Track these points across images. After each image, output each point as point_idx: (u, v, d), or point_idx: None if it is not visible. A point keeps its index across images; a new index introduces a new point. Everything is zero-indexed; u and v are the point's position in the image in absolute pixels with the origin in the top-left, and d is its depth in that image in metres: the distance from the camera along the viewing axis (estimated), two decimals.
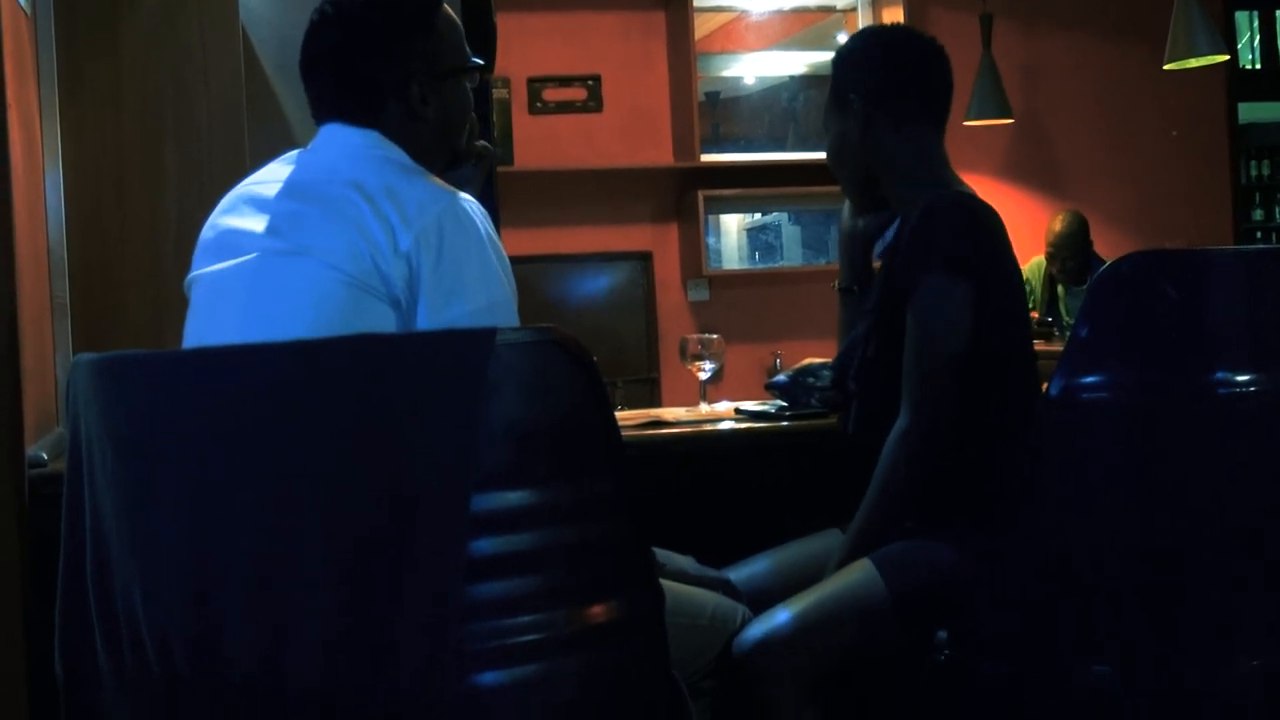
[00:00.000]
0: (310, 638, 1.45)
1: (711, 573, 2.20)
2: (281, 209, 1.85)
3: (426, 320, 1.76)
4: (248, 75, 2.98)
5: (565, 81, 6.28)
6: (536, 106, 6.23)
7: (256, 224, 1.85)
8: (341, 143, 1.94)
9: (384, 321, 1.76)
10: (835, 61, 2.42)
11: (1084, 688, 1.91)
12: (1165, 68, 5.55)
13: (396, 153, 1.92)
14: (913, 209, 2.25)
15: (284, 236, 1.81)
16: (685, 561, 2.20)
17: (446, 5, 2.04)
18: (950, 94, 2.41)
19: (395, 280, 1.76)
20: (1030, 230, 6.27)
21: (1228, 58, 5.73)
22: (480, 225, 1.82)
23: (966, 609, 2.04)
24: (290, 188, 1.87)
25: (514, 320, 1.83)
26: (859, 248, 2.52)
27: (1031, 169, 6.76)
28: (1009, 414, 2.20)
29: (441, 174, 1.96)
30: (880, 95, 2.34)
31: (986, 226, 2.24)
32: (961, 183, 2.37)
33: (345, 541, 1.45)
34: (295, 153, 1.97)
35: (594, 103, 6.31)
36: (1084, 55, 6.81)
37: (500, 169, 5.45)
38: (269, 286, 1.80)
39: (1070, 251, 5.95)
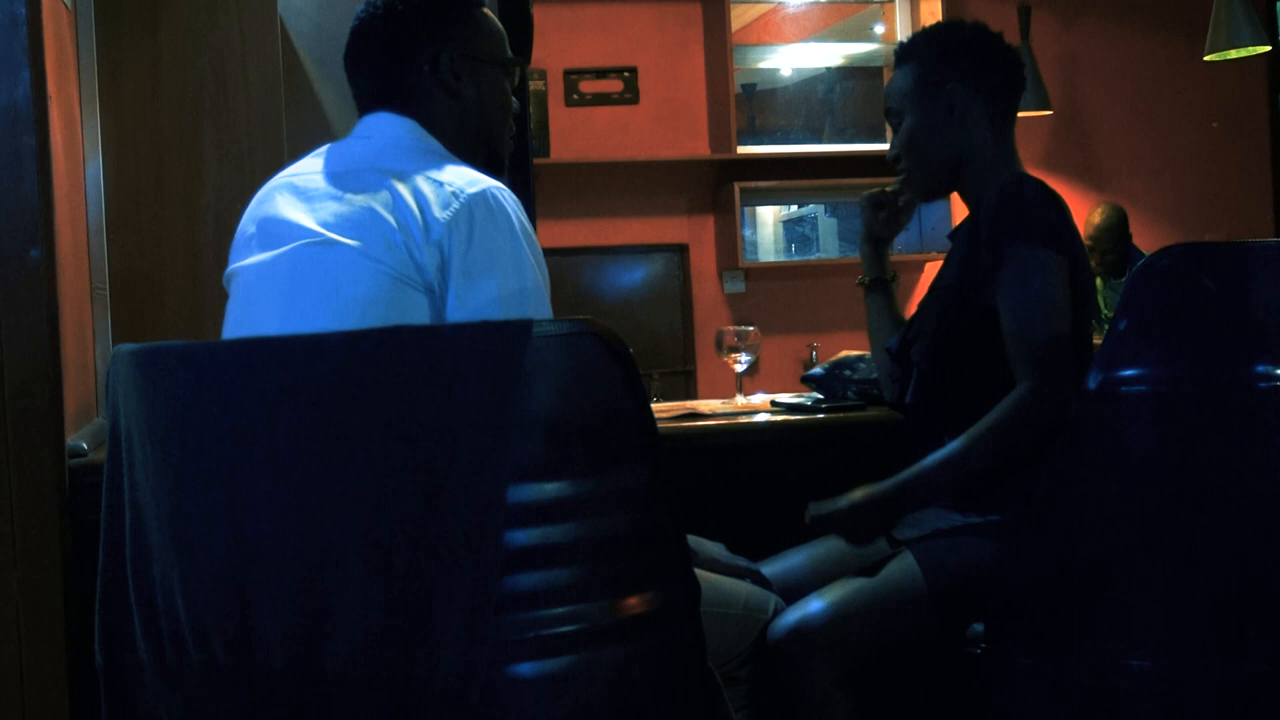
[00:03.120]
0: (348, 628, 1.46)
1: (742, 561, 2.21)
2: (319, 200, 1.86)
3: (454, 303, 1.77)
4: (286, 67, 3.00)
5: (601, 73, 6.28)
6: (573, 98, 6.23)
7: (295, 215, 1.86)
8: (380, 133, 1.96)
9: (420, 311, 1.77)
10: (926, 49, 2.43)
11: (1122, 682, 1.90)
12: (1206, 59, 5.51)
13: (434, 143, 1.95)
14: (987, 193, 2.28)
15: (322, 227, 1.82)
16: (715, 549, 2.20)
17: (488, 8, 2.07)
18: (1021, 91, 2.47)
19: (429, 268, 1.77)
20: None
21: (1269, 49, 5.67)
22: (513, 213, 1.82)
23: (1003, 602, 2.04)
24: (327, 179, 1.88)
25: (544, 308, 1.83)
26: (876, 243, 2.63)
27: (1070, 161, 6.72)
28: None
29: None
30: (979, 85, 2.38)
31: (1065, 206, 2.27)
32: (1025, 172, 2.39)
33: (382, 532, 1.46)
34: (332, 143, 1.98)
35: (630, 95, 6.30)
36: (1123, 46, 6.77)
37: (536, 161, 5.46)
38: (307, 278, 1.81)
39: (1109, 244, 5.91)
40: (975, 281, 2.25)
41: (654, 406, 2.16)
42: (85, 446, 2.21)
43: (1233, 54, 5.42)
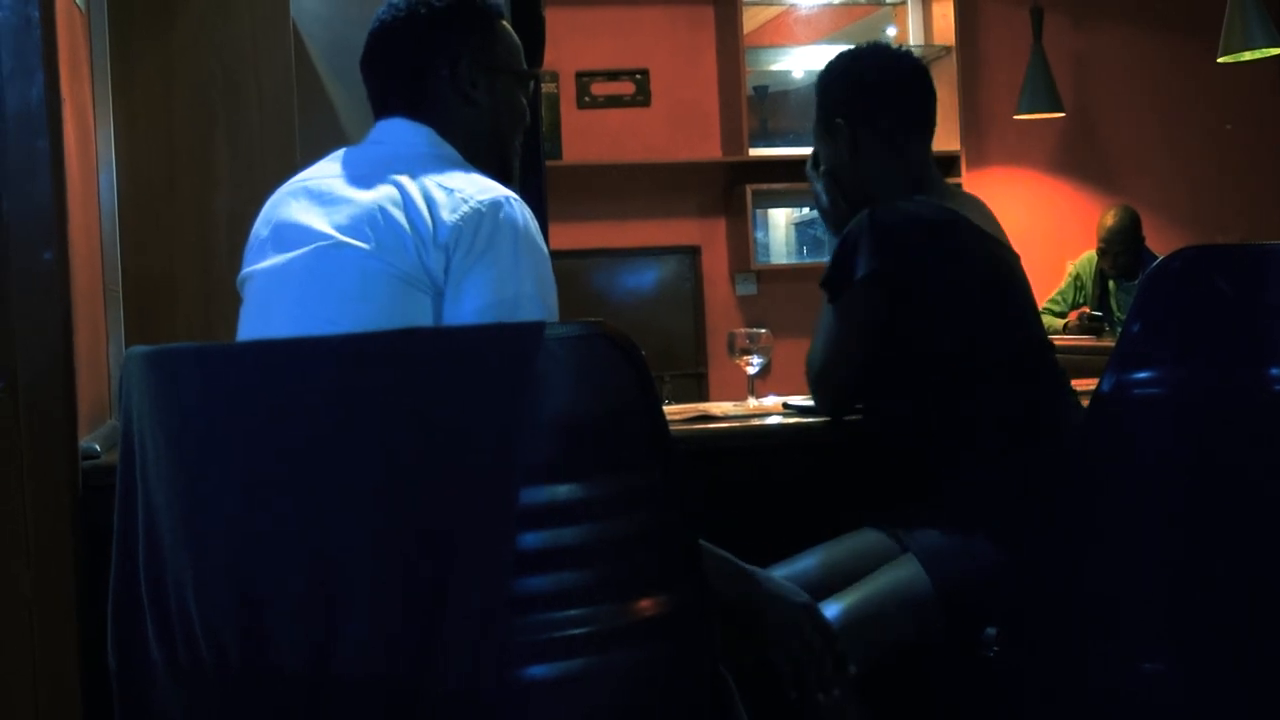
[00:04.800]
0: (360, 631, 1.46)
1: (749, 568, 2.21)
2: (333, 204, 1.86)
3: (449, 306, 1.77)
4: (299, 72, 3.00)
5: (613, 76, 6.28)
6: (585, 101, 6.23)
7: (309, 219, 1.87)
8: (396, 138, 1.97)
9: (426, 314, 1.77)
10: (818, 88, 2.48)
11: (1135, 685, 1.89)
12: (1219, 60, 5.49)
13: (449, 150, 1.96)
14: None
15: (337, 230, 1.83)
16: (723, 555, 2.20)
17: (505, 22, 2.08)
18: (933, 102, 2.47)
19: (435, 271, 1.77)
20: (1081, 225, 6.23)
21: None
22: (521, 222, 1.82)
23: (1015, 605, 2.04)
24: (342, 183, 1.89)
25: (540, 317, 1.83)
26: None
27: (1083, 163, 6.71)
28: (1043, 411, 2.21)
29: None
30: (873, 118, 2.41)
31: (904, 238, 2.30)
32: (945, 191, 2.44)
33: (394, 534, 1.46)
34: (347, 148, 1.99)
35: (642, 97, 6.30)
36: (1136, 48, 6.75)
37: (548, 163, 5.46)
38: (320, 280, 1.82)
39: (1122, 246, 5.90)
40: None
41: (666, 409, 2.15)
42: (98, 448, 2.22)
43: (1246, 56, 5.40)
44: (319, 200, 1.88)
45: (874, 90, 2.42)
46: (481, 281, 1.78)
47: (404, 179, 1.83)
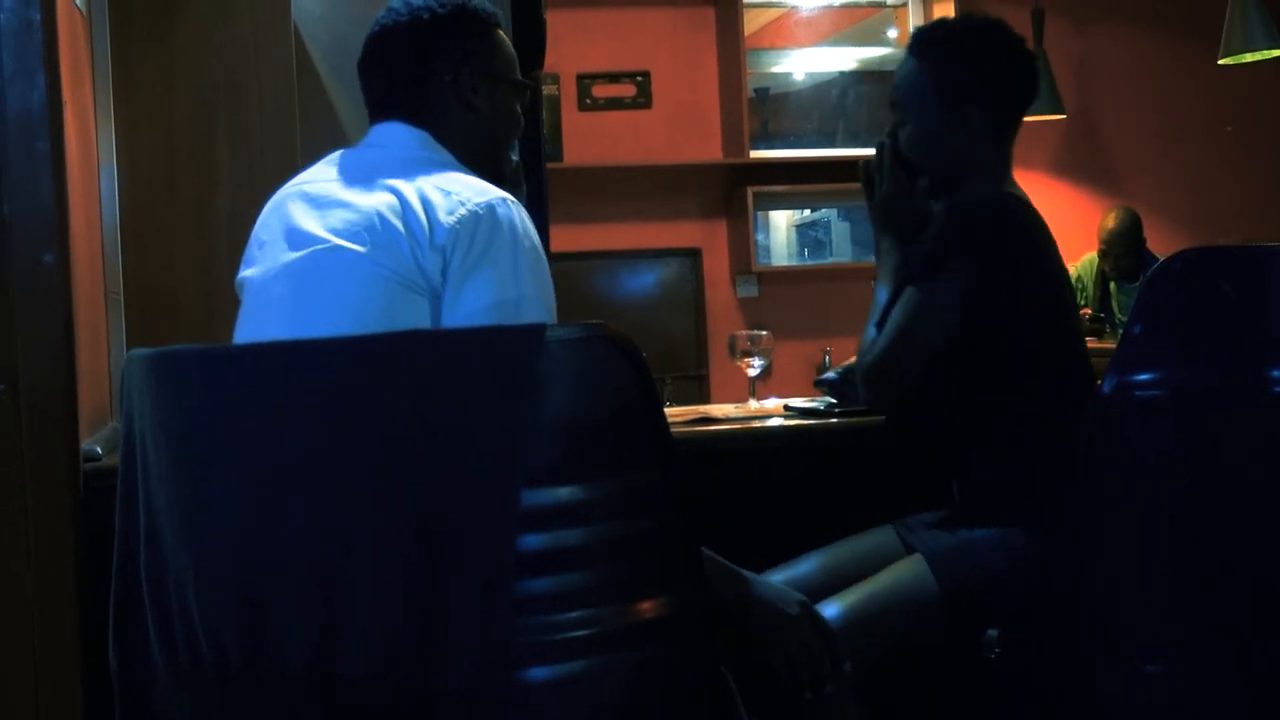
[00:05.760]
0: (362, 632, 1.46)
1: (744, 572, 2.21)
2: (329, 207, 1.86)
3: (447, 309, 1.77)
4: (300, 74, 3.00)
5: (614, 78, 6.28)
6: (586, 103, 6.23)
7: (305, 223, 1.87)
8: (394, 142, 1.97)
9: (423, 317, 1.77)
10: (946, 52, 2.38)
11: (1137, 687, 1.89)
12: (1220, 62, 5.50)
13: (445, 155, 1.96)
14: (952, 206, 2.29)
15: (332, 234, 1.83)
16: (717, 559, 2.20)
17: (502, 31, 2.09)
18: (1034, 98, 2.43)
19: (432, 273, 1.78)
20: (1082, 227, 6.22)
21: None
22: (519, 224, 1.82)
23: (1017, 607, 2.03)
24: (339, 186, 1.89)
25: (540, 319, 1.83)
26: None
27: (1084, 165, 6.71)
28: (1060, 411, 2.20)
29: None
30: (995, 100, 2.35)
31: (999, 234, 2.26)
32: (1014, 185, 2.39)
33: (396, 536, 1.46)
34: (344, 151, 1.99)
35: (643, 99, 6.30)
36: (1137, 50, 6.75)
37: (550, 165, 5.46)
38: (316, 284, 1.82)
39: (1123, 248, 5.90)
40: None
41: (667, 411, 2.15)
42: (99, 451, 2.22)
43: (1247, 57, 5.41)
44: (316, 204, 1.88)
45: (1002, 72, 2.36)
46: (482, 283, 1.78)
47: (400, 182, 1.83)
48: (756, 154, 6.23)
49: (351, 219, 1.82)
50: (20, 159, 2.08)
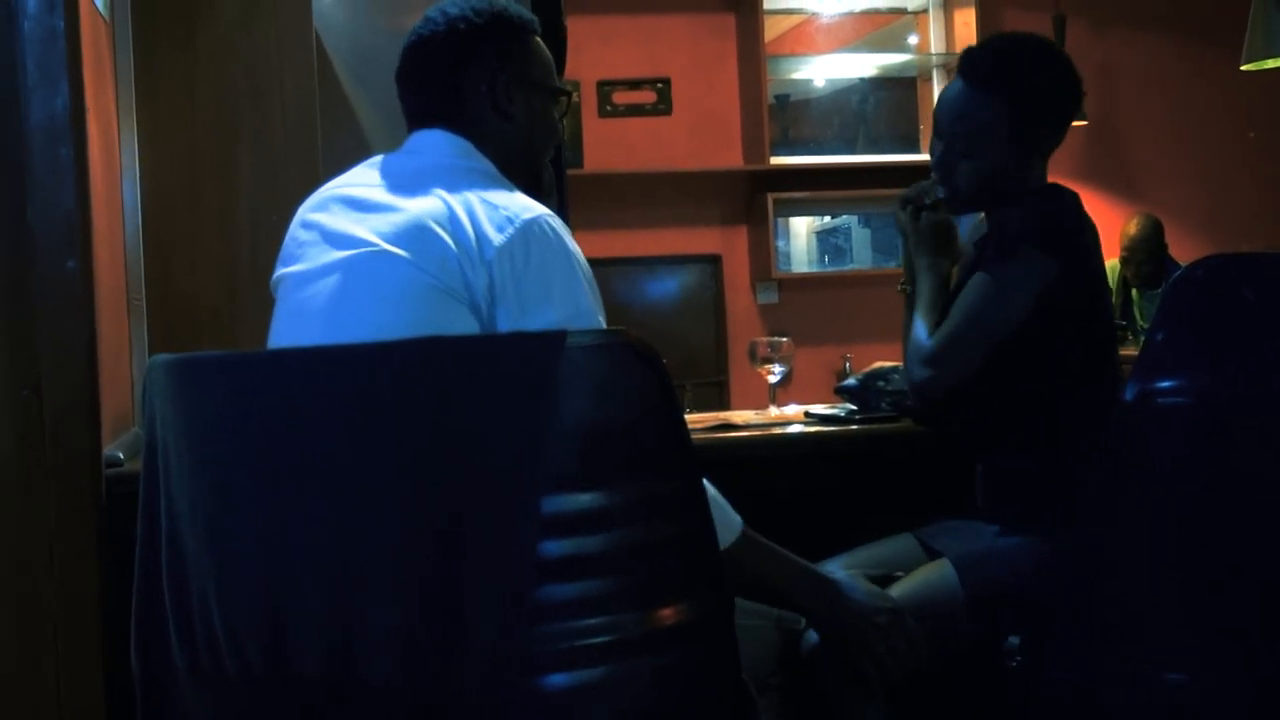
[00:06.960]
0: (382, 637, 1.47)
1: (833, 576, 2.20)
2: (373, 211, 1.86)
3: (509, 326, 1.77)
4: (321, 80, 3.01)
5: (635, 84, 6.29)
6: (606, 109, 6.24)
7: (347, 225, 1.87)
8: (433, 149, 1.97)
9: (466, 326, 1.77)
10: (1021, 86, 2.35)
11: (1158, 696, 1.89)
12: (1242, 68, 5.47)
13: (485, 164, 1.95)
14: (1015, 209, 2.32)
15: (379, 237, 1.83)
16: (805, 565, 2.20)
17: (539, 37, 2.09)
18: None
19: (477, 287, 1.77)
20: (1104, 233, 6.15)
21: None
22: (565, 238, 1.83)
23: (1039, 614, 2.03)
24: (382, 191, 1.89)
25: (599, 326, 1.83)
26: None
27: (1106, 171, 6.69)
28: (1091, 412, 2.19)
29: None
30: (1057, 127, 2.39)
31: (1077, 225, 2.31)
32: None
33: (416, 542, 1.46)
34: (384, 156, 1.99)
35: (663, 105, 6.30)
36: (1158, 56, 6.73)
37: (570, 172, 5.46)
38: (357, 286, 1.82)
39: (1145, 255, 5.89)
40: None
41: (687, 417, 2.15)
42: (121, 456, 2.23)
43: (1270, 63, 5.37)
44: (359, 207, 1.88)
45: (1062, 103, 2.38)
46: (542, 300, 1.77)
47: (445, 192, 1.82)
48: (777, 160, 6.23)
49: (397, 224, 1.82)
50: (43, 166, 2.09)
